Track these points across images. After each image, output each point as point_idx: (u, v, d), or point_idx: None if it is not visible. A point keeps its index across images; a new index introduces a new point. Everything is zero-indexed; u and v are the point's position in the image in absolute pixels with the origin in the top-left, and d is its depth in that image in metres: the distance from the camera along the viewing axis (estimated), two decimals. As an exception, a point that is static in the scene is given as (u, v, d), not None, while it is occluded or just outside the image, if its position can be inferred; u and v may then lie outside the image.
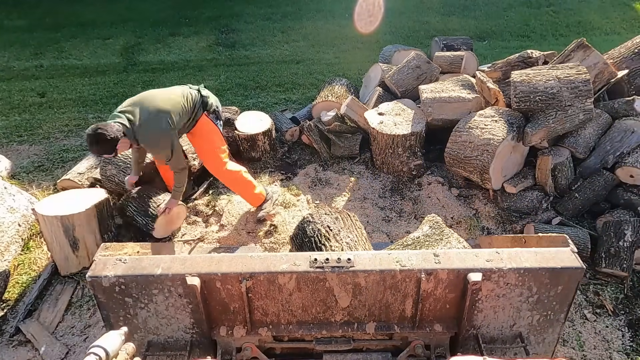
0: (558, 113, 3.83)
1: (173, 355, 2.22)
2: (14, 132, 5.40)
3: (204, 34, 8.35)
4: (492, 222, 4.04)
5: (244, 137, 4.63)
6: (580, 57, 4.19)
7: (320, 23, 8.85)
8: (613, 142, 3.97)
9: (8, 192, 3.80)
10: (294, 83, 6.63)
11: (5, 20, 8.97)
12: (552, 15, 8.98)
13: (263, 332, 2.24)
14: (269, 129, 4.70)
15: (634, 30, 8.14)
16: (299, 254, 2.15)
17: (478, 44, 7.73)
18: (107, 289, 2.06)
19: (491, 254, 2.11)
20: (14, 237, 3.63)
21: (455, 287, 2.10)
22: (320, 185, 4.50)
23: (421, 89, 4.58)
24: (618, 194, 3.92)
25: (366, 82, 5.66)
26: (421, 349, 2.24)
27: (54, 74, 6.96)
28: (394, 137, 4.33)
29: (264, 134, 4.66)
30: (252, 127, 4.67)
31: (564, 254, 2.11)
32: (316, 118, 5.00)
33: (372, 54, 7.07)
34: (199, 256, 2.15)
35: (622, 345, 3.07)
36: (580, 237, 3.57)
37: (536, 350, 2.29)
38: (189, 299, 2.10)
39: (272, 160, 4.85)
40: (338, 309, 2.19)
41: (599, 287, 3.43)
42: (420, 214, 4.09)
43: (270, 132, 4.75)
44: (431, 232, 2.97)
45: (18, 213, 3.73)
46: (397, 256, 2.11)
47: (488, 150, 3.84)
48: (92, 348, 1.65)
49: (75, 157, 4.88)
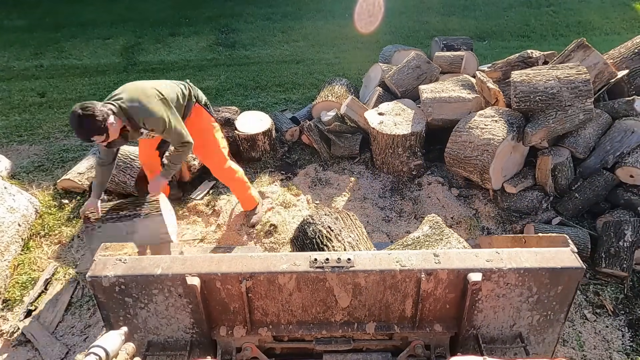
0: (558, 113, 3.83)
1: (173, 355, 2.22)
2: (14, 132, 5.40)
3: (204, 34, 8.35)
4: (492, 222, 4.04)
5: (244, 137, 4.63)
6: (580, 57, 4.19)
7: (320, 23, 8.85)
8: (613, 142, 3.97)
9: (8, 192, 3.80)
10: (294, 83, 6.63)
11: (5, 20, 8.97)
12: (552, 15, 8.97)
13: (263, 332, 2.24)
14: (269, 129, 4.70)
15: (634, 30, 8.14)
16: (299, 254, 2.15)
17: (478, 44, 7.73)
18: (107, 289, 2.06)
19: (491, 254, 2.10)
20: (14, 237, 3.63)
21: (455, 287, 2.10)
22: (320, 185, 4.50)
23: (421, 89, 4.58)
24: (618, 194, 3.92)
25: (366, 82, 5.66)
26: (421, 349, 2.24)
27: (54, 74, 6.96)
28: (394, 137, 4.33)
29: (264, 134, 4.66)
30: (252, 127, 4.67)
31: (564, 254, 2.11)
32: (316, 118, 5.00)
33: (372, 54, 7.07)
34: (199, 256, 2.15)
35: (622, 345, 3.07)
36: (580, 237, 3.57)
37: (536, 350, 2.29)
38: (189, 299, 2.10)
39: (272, 160, 4.85)
40: (338, 309, 2.19)
41: (599, 287, 3.43)
42: (420, 214, 4.09)
43: (270, 132, 4.75)
44: (431, 232, 2.97)
45: (18, 213, 3.74)
46: (397, 256, 2.11)
47: (488, 150, 3.84)
48: (92, 348, 1.65)
49: (75, 157, 4.87)
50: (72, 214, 4.12)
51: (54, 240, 3.89)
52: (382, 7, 8.99)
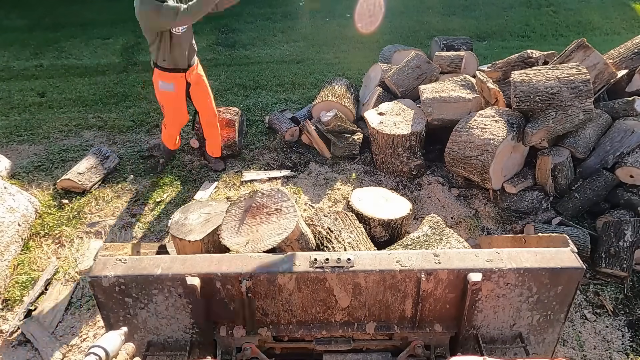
0: (558, 113, 3.83)
1: (173, 355, 2.22)
2: (14, 132, 5.40)
3: (204, 34, 8.34)
4: (492, 222, 4.04)
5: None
6: (581, 58, 4.19)
7: (320, 23, 8.85)
8: (613, 142, 3.97)
9: (8, 192, 3.80)
10: (294, 83, 6.63)
11: (5, 20, 8.96)
12: (552, 15, 8.97)
13: (263, 332, 2.24)
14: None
15: (634, 30, 8.14)
16: (298, 254, 2.15)
17: (478, 44, 7.73)
18: (107, 289, 2.06)
19: (491, 254, 2.10)
20: (13, 237, 3.63)
21: (455, 287, 2.10)
22: (320, 185, 4.50)
23: (421, 89, 4.58)
24: (618, 194, 3.92)
25: (366, 82, 5.66)
26: (421, 349, 2.23)
27: (54, 74, 6.96)
28: (394, 137, 4.33)
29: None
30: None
31: (564, 254, 2.11)
32: (316, 118, 5.00)
33: (372, 54, 7.07)
34: (199, 256, 2.15)
35: (622, 345, 3.07)
36: (580, 237, 3.57)
37: (536, 350, 2.29)
38: (189, 299, 2.10)
39: (272, 160, 4.85)
40: (338, 309, 2.19)
41: (599, 287, 3.43)
42: (420, 214, 4.09)
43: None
44: (431, 232, 2.96)
45: (18, 213, 3.73)
46: (397, 256, 2.11)
47: (488, 150, 3.84)
48: (92, 348, 1.65)
49: (75, 157, 4.87)
50: (72, 214, 4.12)
51: (54, 240, 3.89)
52: (383, 7, 8.99)
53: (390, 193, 3.42)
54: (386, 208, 3.21)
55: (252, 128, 5.46)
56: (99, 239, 3.92)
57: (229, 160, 4.87)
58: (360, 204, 3.22)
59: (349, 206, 3.26)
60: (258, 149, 5.06)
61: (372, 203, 3.25)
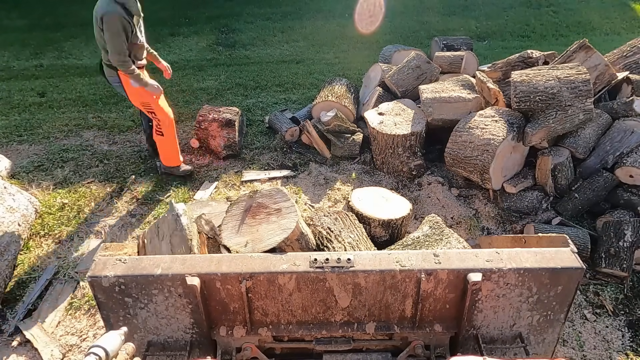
0: (558, 113, 3.83)
1: (173, 355, 2.22)
2: (14, 132, 5.40)
3: (204, 34, 8.35)
4: (492, 222, 4.04)
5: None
6: (582, 58, 4.19)
7: (320, 23, 8.85)
8: (613, 142, 3.97)
9: (8, 192, 3.80)
10: (294, 83, 6.63)
11: (5, 20, 8.97)
12: (552, 15, 8.98)
13: (263, 332, 2.24)
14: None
15: (634, 30, 8.15)
16: (298, 254, 2.15)
17: (478, 44, 7.73)
18: (107, 289, 2.06)
19: (491, 254, 2.10)
20: (13, 237, 3.63)
21: (455, 287, 2.10)
22: (320, 185, 4.50)
23: (421, 89, 4.58)
24: (618, 194, 3.92)
25: (366, 82, 5.66)
26: (421, 349, 2.23)
27: (54, 74, 6.96)
28: (394, 137, 4.33)
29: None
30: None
31: (564, 254, 2.11)
32: (316, 118, 5.00)
33: (372, 54, 7.07)
34: (198, 256, 2.15)
35: (622, 345, 3.07)
36: (580, 237, 3.57)
37: (536, 350, 2.29)
38: (188, 299, 2.10)
39: (272, 160, 4.85)
40: (338, 309, 2.19)
41: (599, 287, 3.43)
42: (420, 214, 4.09)
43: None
44: (431, 232, 2.97)
45: (18, 213, 3.73)
46: (397, 256, 2.11)
47: (488, 150, 3.84)
48: (92, 348, 1.65)
49: (75, 157, 4.88)
50: (72, 214, 4.12)
51: (54, 240, 3.89)
52: (383, 7, 8.99)
53: (390, 193, 3.43)
54: (386, 208, 3.22)
55: (252, 128, 5.47)
56: (99, 239, 3.92)
57: (229, 160, 4.87)
58: (360, 204, 3.22)
59: (349, 206, 3.26)
60: (258, 149, 5.07)
61: (372, 203, 3.25)
